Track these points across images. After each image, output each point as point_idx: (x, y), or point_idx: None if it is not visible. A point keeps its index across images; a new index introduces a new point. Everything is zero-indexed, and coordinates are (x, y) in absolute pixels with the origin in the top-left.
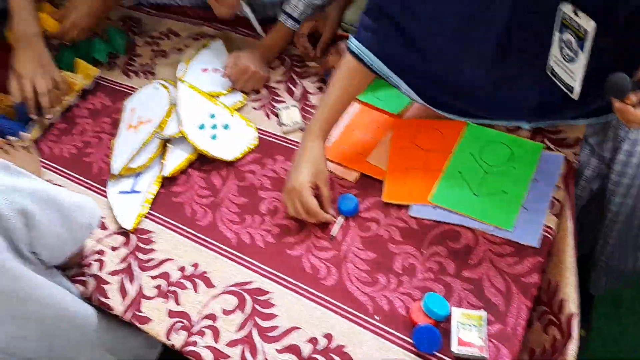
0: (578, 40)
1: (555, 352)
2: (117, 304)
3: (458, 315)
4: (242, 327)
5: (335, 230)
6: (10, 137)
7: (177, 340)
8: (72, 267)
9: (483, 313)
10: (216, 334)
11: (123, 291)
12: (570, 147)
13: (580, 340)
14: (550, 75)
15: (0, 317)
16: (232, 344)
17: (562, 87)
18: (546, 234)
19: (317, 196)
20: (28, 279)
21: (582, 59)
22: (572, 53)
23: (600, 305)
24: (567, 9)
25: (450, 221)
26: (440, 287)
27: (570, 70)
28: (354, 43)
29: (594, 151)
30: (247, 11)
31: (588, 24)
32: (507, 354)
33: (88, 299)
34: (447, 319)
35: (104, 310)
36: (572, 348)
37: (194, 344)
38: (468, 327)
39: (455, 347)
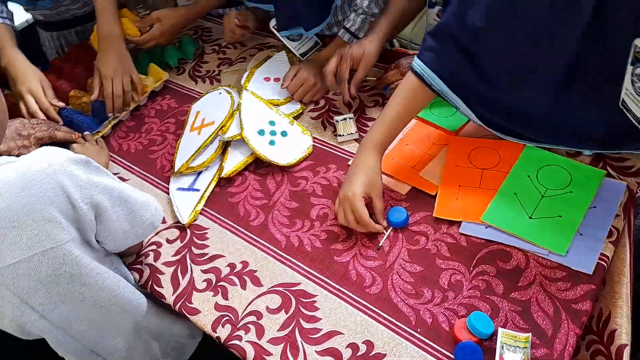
0: None
1: None
2: (169, 293)
3: (503, 335)
4: (285, 326)
5: (382, 240)
6: (86, 133)
7: (223, 333)
8: (131, 255)
9: (529, 335)
10: (260, 330)
11: (175, 282)
12: (633, 175)
13: None
14: (621, 107)
15: (60, 296)
16: (275, 341)
17: (632, 120)
18: (601, 261)
19: (370, 207)
20: (90, 267)
21: None
22: None
23: None
24: None
25: (501, 241)
26: (487, 306)
27: None
28: (416, 63)
29: None
30: (284, 40)
31: None
32: None
33: (142, 287)
34: (491, 339)
35: (153, 298)
36: None
37: (239, 338)
38: (512, 349)
39: None
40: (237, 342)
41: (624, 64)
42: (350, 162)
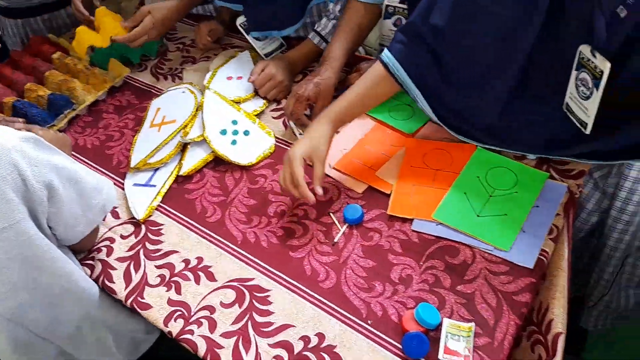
0: (594, 79)
1: None
2: (120, 289)
3: (448, 325)
4: (238, 320)
5: (337, 237)
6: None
7: (175, 327)
8: (83, 252)
9: (472, 325)
10: (212, 325)
11: (128, 277)
12: (574, 178)
13: None
14: (565, 110)
15: (15, 283)
16: (227, 335)
17: (576, 122)
18: (542, 257)
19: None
20: (44, 248)
21: (597, 97)
22: (587, 91)
23: (593, 339)
24: (585, 49)
25: (450, 237)
26: (434, 299)
27: (584, 107)
28: (385, 54)
29: (598, 185)
30: (250, 39)
31: (604, 65)
32: None
33: (94, 281)
34: (437, 329)
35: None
36: None
37: (191, 332)
38: (456, 338)
39: (441, 355)
40: (188, 336)
41: (569, 70)
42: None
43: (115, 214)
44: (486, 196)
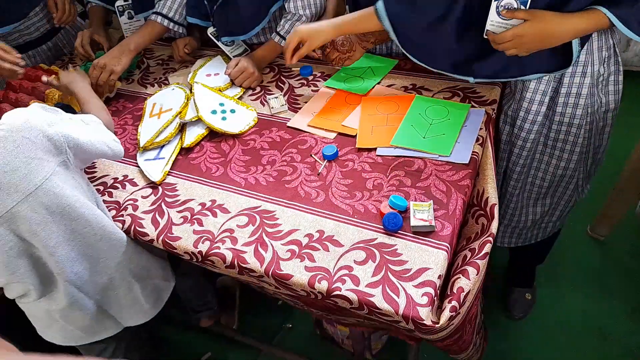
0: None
1: (484, 232)
2: (151, 231)
3: (413, 205)
4: (253, 233)
5: (320, 169)
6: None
7: (203, 247)
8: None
9: (431, 202)
10: (234, 240)
11: (155, 222)
12: (488, 104)
13: (528, 303)
14: (485, 37)
15: (58, 236)
16: (247, 244)
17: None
18: (474, 155)
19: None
20: (74, 198)
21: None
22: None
23: (542, 275)
24: None
25: (406, 154)
26: (401, 194)
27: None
28: (379, 5)
29: (507, 119)
30: (220, 44)
31: None
32: (449, 226)
33: (126, 232)
34: (406, 211)
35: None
36: (494, 225)
37: (217, 248)
38: (420, 211)
39: (413, 222)
40: (216, 251)
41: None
42: (289, 124)
43: (133, 183)
44: (427, 125)
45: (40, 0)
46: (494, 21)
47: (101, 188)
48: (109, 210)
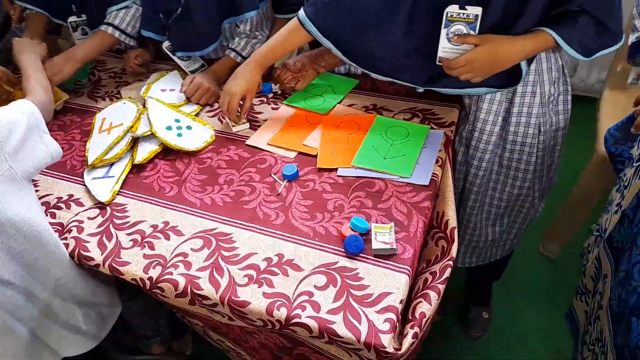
0: (468, 25)
1: (445, 255)
2: (97, 255)
3: (374, 227)
4: (209, 258)
5: (280, 189)
6: None
7: (154, 273)
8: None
9: (392, 224)
10: (187, 265)
11: (102, 246)
12: (446, 126)
13: (485, 322)
14: (438, 64)
15: None
16: (202, 269)
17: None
18: (434, 177)
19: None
20: (17, 214)
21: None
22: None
23: (497, 293)
24: (452, 8)
25: (367, 175)
26: (362, 216)
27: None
28: (300, 13)
29: (462, 141)
30: (175, 59)
31: (477, 10)
32: (410, 249)
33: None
34: (367, 233)
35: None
36: (454, 248)
37: (170, 274)
38: (382, 234)
39: (375, 244)
40: (168, 277)
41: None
42: (248, 142)
43: (78, 204)
44: (388, 145)
45: None
46: (445, 47)
47: (43, 208)
48: None
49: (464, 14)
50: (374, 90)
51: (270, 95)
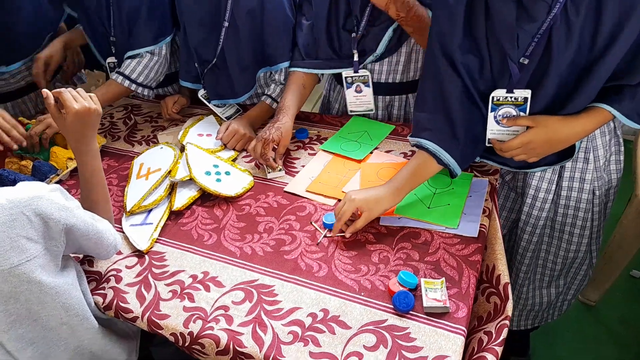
0: (518, 108)
1: (498, 313)
2: (135, 307)
3: (424, 282)
4: (251, 312)
5: (320, 238)
6: None
7: (194, 327)
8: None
9: (443, 279)
10: (229, 319)
11: (141, 297)
12: (491, 174)
13: None
14: (488, 145)
15: (17, 315)
16: (244, 324)
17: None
18: (482, 228)
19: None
20: (50, 286)
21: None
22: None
23: (536, 339)
24: (499, 92)
25: (411, 225)
26: (409, 269)
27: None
28: (428, 144)
29: (509, 185)
30: (211, 106)
31: (527, 93)
32: (464, 307)
33: (107, 308)
34: (416, 289)
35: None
36: (509, 306)
37: (211, 328)
38: (433, 290)
39: (426, 302)
40: (209, 332)
41: None
42: (286, 188)
43: (117, 253)
44: (431, 194)
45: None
46: (494, 130)
47: (80, 256)
48: (88, 282)
49: (511, 97)
50: None
51: (307, 140)
